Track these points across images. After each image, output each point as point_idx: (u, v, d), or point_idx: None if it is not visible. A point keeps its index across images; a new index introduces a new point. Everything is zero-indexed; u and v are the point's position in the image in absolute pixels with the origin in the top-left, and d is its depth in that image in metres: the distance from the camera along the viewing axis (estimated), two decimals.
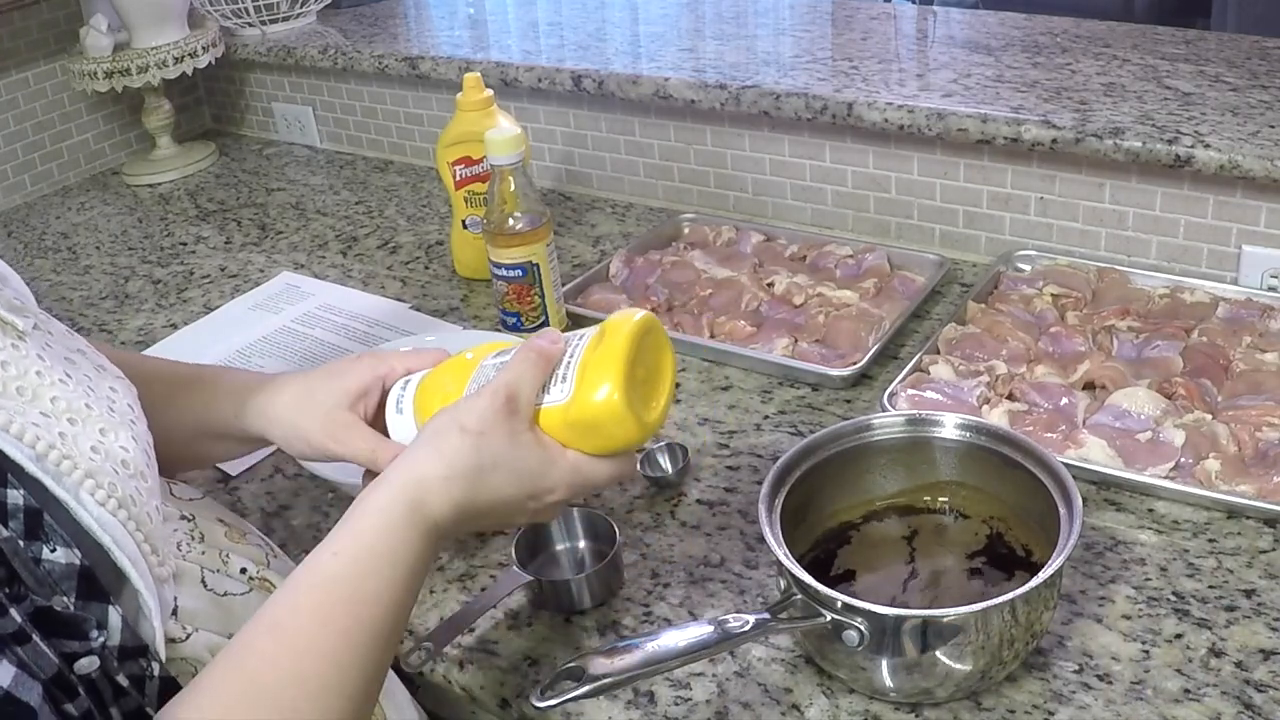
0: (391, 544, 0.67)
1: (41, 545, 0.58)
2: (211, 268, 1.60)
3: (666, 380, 0.76)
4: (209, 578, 0.72)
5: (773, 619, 0.78)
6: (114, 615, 0.60)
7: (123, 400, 0.70)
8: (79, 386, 0.66)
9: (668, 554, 0.97)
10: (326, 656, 0.63)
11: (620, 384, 0.70)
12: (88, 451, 0.63)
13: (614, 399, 0.70)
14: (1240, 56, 1.41)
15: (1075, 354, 1.14)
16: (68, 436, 0.62)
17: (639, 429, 0.71)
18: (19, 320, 0.66)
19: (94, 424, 0.65)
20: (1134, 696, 0.79)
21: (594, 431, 0.72)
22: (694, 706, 0.82)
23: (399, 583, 0.67)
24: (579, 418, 0.71)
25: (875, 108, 1.35)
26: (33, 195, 1.93)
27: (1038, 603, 0.78)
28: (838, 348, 1.20)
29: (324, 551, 0.67)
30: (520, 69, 1.62)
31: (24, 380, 0.63)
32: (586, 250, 1.52)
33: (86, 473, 0.61)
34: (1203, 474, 0.97)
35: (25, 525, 0.58)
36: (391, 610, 0.66)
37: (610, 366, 0.70)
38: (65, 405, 0.64)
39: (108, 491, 0.62)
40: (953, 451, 0.91)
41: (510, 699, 0.85)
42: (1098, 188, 1.29)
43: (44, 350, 0.66)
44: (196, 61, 1.86)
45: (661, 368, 0.76)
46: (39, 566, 0.57)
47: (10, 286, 0.74)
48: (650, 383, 0.74)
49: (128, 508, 0.63)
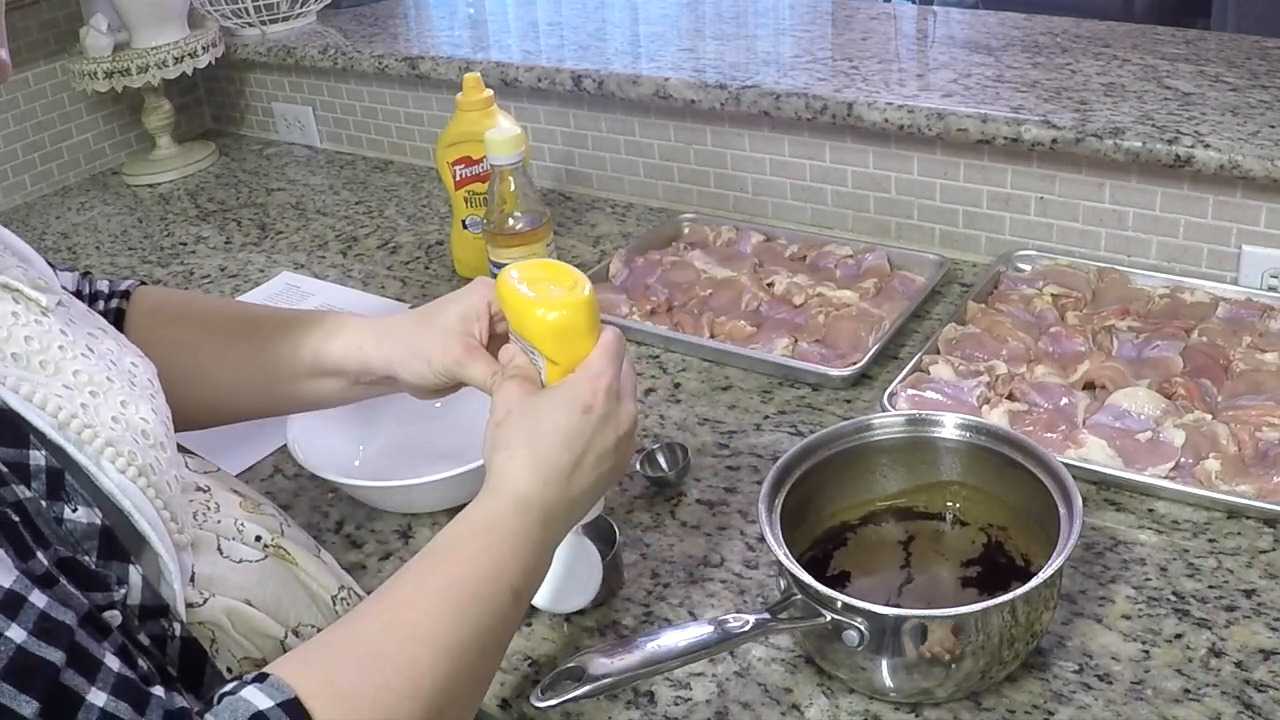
0: (480, 516, 0.71)
1: (63, 505, 0.59)
2: (211, 268, 1.60)
3: (562, 271, 0.79)
4: (225, 545, 0.74)
5: (773, 619, 0.78)
6: (134, 574, 0.62)
7: (143, 375, 0.72)
8: (100, 360, 0.69)
9: (668, 554, 0.97)
10: (418, 606, 0.65)
11: (544, 303, 0.76)
12: (109, 421, 0.64)
13: (552, 313, 0.75)
14: (1240, 56, 1.41)
15: (1075, 354, 1.14)
16: (89, 407, 0.64)
17: (583, 304, 0.76)
18: (43, 297, 0.68)
19: (115, 396, 0.67)
20: (1134, 696, 0.79)
21: (564, 337, 0.76)
22: (694, 706, 0.82)
23: (494, 548, 0.69)
24: (554, 345, 0.76)
25: (875, 108, 1.35)
26: (33, 195, 1.93)
27: (1038, 603, 0.78)
28: (838, 348, 1.20)
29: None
30: (520, 69, 1.62)
31: (47, 354, 0.65)
32: (586, 250, 1.52)
33: (107, 441, 0.63)
34: (1203, 474, 0.97)
35: (47, 485, 0.59)
36: (492, 573, 0.68)
37: (527, 309, 0.76)
38: (88, 378, 0.66)
39: (128, 459, 0.64)
40: (953, 452, 0.91)
41: (510, 699, 0.85)
42: (1098, 188, 1.29)
43: (67, 326, 0.69)
44: (196, 61, 1.86)
45: (554, 272, 0.79)
46: (61, 526, 0.59)
47: (35, 267, 0.76)
48: (558, 280, 0.79)
49: (147, 475, 0.65)
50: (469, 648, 0.65)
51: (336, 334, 0.89)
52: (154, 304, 0.94)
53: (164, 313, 0.94)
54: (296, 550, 0.79)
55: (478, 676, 0.67)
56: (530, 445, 0.73)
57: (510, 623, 0.70)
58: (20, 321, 0.65)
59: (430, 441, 1.09)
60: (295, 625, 0.75)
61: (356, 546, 1.02)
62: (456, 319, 0.85)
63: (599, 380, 0.74)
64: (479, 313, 0.85)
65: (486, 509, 0.71)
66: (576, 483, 0.74)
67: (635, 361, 1.24)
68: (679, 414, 1.15)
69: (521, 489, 0.72)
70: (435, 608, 0.65)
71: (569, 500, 0.74)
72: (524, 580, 0.70)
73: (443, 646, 0.63)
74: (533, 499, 0.72)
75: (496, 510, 0.71)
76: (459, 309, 0.86)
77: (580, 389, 0.74)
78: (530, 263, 0.80)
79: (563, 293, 0.76)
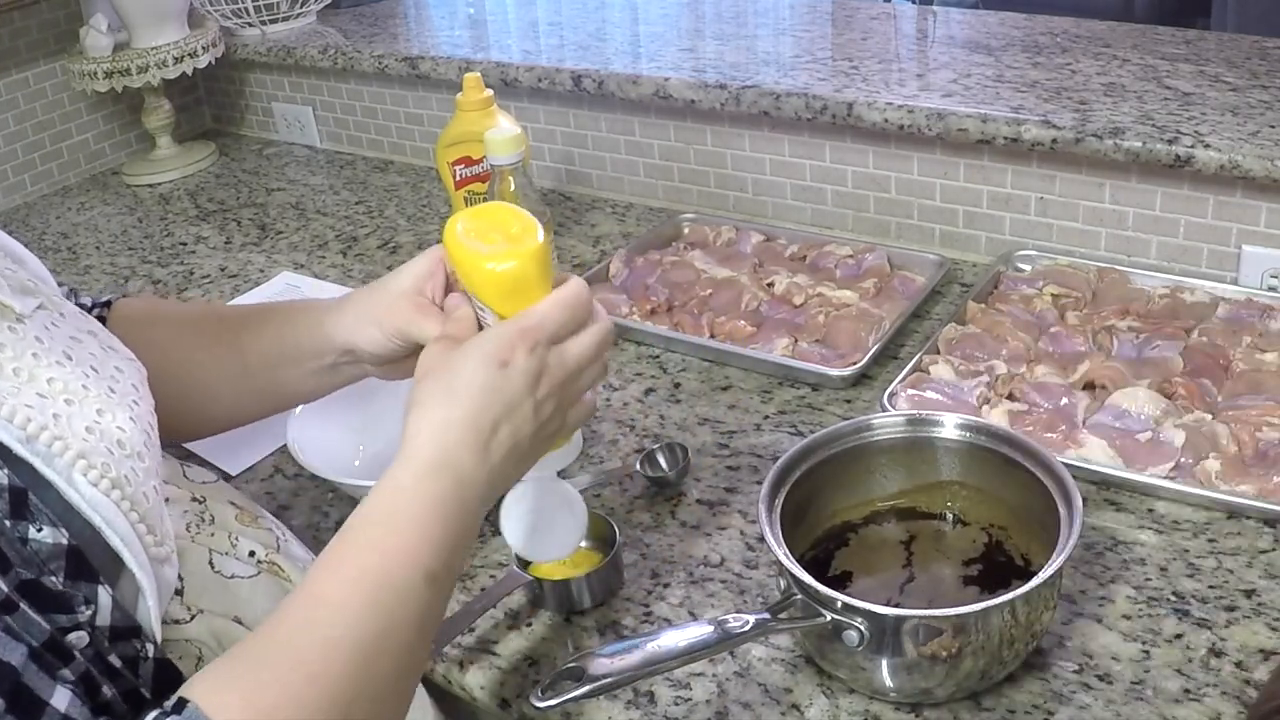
0: (386, 493, 0.67)
1: (28, 525, 0.58)
2: (211, 267, 1.60)
3: (511, 217, 0.74)
4: (216, 559, 0.72)
5: (773, 619, 0.78)
6: (104, 595, 0.60)
7: (126, 381, 0.70)
8: (78, 368, 0.66)
9: (668, 554, 0.97)
10: (331, 601, 0.62)
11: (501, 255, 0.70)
12: (81, 432, 0.62)
13: (505, 266, 0.70)
14: (1240, 56, 1.41)
15: (1075, 354, 1.14)
16: (62, 417, 0.62)
17: (530, 255, 0.70)
18: (17, 303, 0.66)
19: (90, 404, 0.65)
20: (1134, 696, 0.79)
21: (514, 292, 0.71)
22: (694, 706, 0.82)
23: (402, 531, 0.65)
24: (503, 300, 0.71)
25: (875, 108, 1.35)
26: (33, 195, 1.93)
27: (1038, 603, 0.78)
28: (838, 348, 1.20)
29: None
30: (520, 69, 1.62)
31: (19, 361, 0.63)
32: (586, 250, 1.52)
33: (79, 453, 0.61)
34: (1203, 474, 0.97)
35: (10, 504, 0.58)
36: (401, 559, 0.65)
37: (474, 263, 0.70)
38: (62, 386, 0.64)
39: (100, 471, 0.62)
40: (953, 451, 0.91)
41: (510, 699, 0.85)
42: (1098, 188, 1.29)
43: (44, 332, 0.66)
44: (196, 61, 1.86)
45: (503, 218, 0.74)
46: (25, 546, 0.57)
47: (26, 268, 0.74)
48: (505, 228, 0.73)
49: (121, 488, 0.62)
50: (387, 642, 0.62)
51: (299, 316, 0.87)
52: (128, 312, 0.92)
53: (134, 319, 0.91)
54: (291, 567, 0.78)
55: (402, 669, 0.64)
56: (445, 404, 0.67)
57: (431, 608, 0.65)
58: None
59: None
60: None
61: None
62: (409, 280, 0.80)
63: (526, 331, 0.68)
64: (431, 271, 0.80)
65: (393, 484, 0.66)
66: (497, 445, 0.68)
67: (635, 361, 1.25)
68: (679, 414, 1.15)
69: (431, 453, 0.66)
70: (346, 601, 0.62)
71: (489, 465, 0.68)
72: (439, 560, 0.65)
73: (357, 644, 0.61)
74: (445, 463, 0.66)
75: (403, 484, 0.66)
76: (411, 270, 0.81)
77: (498, 340, 0.68)
78: (479, 209, 0.74)
79: (507, 245, 0.70)
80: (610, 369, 1.23)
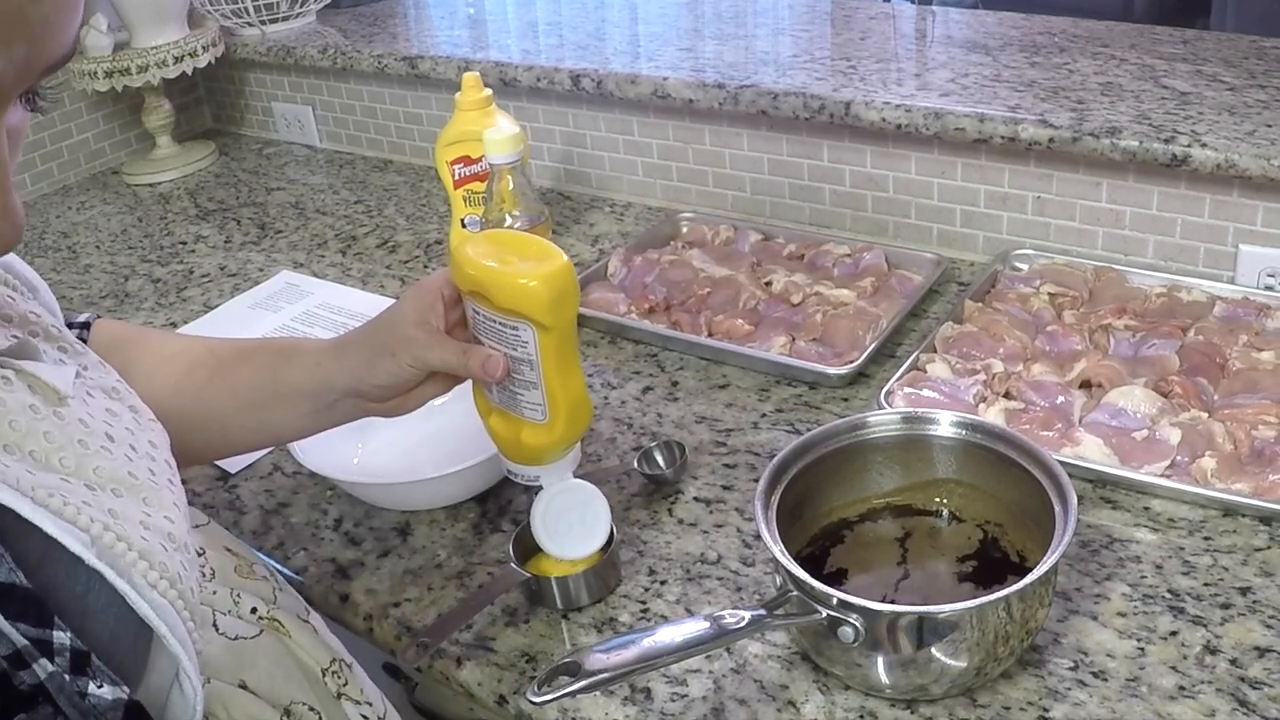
0: None
1: (88, 681, 0.55)
2: (211, 267, 1.60)
3: (521, 241, 0.82)
4: (221, 620, 0.71)
5: (768, 615, 0.78)
6: None
7: (161, 455, 0.66)
8: (120, 447, 0.62)
9: (664, 551, 0.97)
10: None
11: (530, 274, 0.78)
12: (139, 530, 0.59)
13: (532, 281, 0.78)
14: (1237, 56, 1.42)
15: (1072, 352, 1.14)
16: (117, 514, 0.58)
17: (567, 268, 0.79)
18: (59, 381, 0.61)
19: (138, 493, 0.61)
20: (1129, 694, 0.79)
21: (558, 300, 0.79)
22: (690, 703, 0.83)
23: None
24: (548, 310, 0.79)
25: (873, 107, 1.35)
26: (33, 195, 1.93)
27: (1033, 600, 0.78)
28: (835, 346, 1.20)
29: None
30: (519, 68, 1.63)
31: (66, 450, 0.58)
32: (585, 249, 1.53)
33: (140, 554, 0.58)
34: (1199, 472, 0.97)
35: (71, 662, 0.54)
36: None
37: (507, 281, 0.79)
38: (109, 475, 0.60)
39: (159, 572, 0.58)
40: (949, 449, 0.91)
41: (507, 695, 0.85)
42: (1095, 187, 1.30)
43: (85, 409, 0.62)
44: (196, 61, 1.86)
45: (514, 243, 0.82)
46: (84, 700, 0.55)
47: (40, 299, 0.72)
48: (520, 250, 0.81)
49: (176, 586, 0.59)
50: None
51: (295, 355, 0.86)
52: (109, 337, 0.88)
53: (116, 344, 0.88)
54: (289, 620, 0.76)
55: None
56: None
57: None
58: (39, 415, 0.58)
59: (428, 440, 1.10)
60: (288, 704, 0.71)
61: (355, 544, 1.02)
62: (412, 312, 0.83)
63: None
64: (431, 303, 0.83)
65: None
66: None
67: (634, 360, 1.25)
68: (676, 412, 1.15)
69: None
70: None
71: None
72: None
73: None
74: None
75: None
76: (411, 305, 0.83)
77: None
78: (486, 235, 0.83)
79: (531, 264, 0.78)
80: (609, 367, 1.24)
